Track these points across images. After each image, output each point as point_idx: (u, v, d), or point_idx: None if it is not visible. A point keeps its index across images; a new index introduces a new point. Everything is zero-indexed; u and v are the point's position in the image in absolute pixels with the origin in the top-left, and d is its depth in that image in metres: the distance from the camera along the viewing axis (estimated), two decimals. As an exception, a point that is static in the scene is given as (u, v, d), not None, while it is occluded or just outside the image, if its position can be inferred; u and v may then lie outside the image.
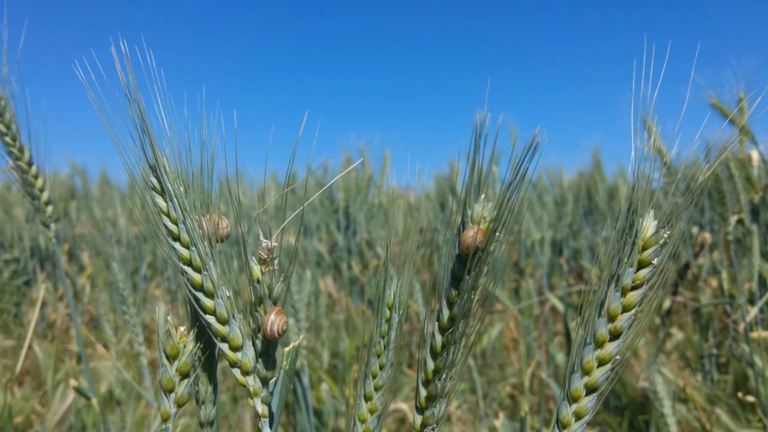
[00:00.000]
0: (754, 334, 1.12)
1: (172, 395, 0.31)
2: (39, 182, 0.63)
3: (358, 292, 2.05)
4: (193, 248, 0.31)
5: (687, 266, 1.46)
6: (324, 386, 1.31)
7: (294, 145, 0.30)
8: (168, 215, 0.31)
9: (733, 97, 1.08)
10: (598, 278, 0.30)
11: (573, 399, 0.29)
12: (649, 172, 0.28)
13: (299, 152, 0.30)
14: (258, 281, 0.30)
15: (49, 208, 0.64)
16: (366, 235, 2.24)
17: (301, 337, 0.35)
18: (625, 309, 0.28)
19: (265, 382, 0.31)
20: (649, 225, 0.28)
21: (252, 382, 0.31)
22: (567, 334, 1.39)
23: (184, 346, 0.31)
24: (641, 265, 0.28)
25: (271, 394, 0.32)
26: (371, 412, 0.33)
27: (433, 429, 0.32)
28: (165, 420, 0.32)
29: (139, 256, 2.40)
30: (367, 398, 0.33)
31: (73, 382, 0.74)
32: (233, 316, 0.31)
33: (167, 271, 2.35)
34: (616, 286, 0.28)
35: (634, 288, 0.28)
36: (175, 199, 0.31)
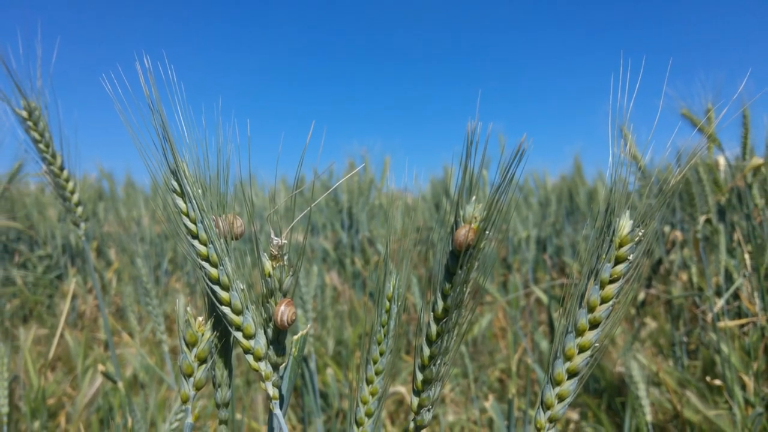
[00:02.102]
0: (721, 324, 1.12)
1: (191, 379, 0.31)
2: (70, 185, 0.63)
3: (360, 286, 2.05)
4: (210, 245, 0.31)
5: (660, 262, 1.46)
6: (329, 371, 1.31)
7: (302, 152, 0.30)
8: (187, 215, 0.31)
9: (701, 108, 1.08)
10: (579, 273, 0.30)
11: (556, 382, 0.29)
12: (626, 176, 0.28)
13: (306, 158, 0.29)
14: (269, 275, 0.30)
15: (79, 209, 0.64)
16: (367, 233, 2.24)
17: (309, 326, 0.35)
18: (604, 301, 0.28)
19: (275, 367, 0.31)
20: (625, 224, 0.28)
21: (264, 367, 0.31)
22: (550, 324, 1.39)
23: (202, 335, 0.31)
24: (618, 261, 0.28)
25: (281, 378, 0.32)
26: (372, 394, 0.33)
27: (428, 410, 0.32)
28: (185, 402, 0.32)
29: (161, 253, 2.40)
30: (369, 382, 0.33)
31: (101, 367, 0.74)
32: (247, 307, 0.31)
33: (187, 266, 2.35)
34: (595, 280, 0.28)
35: (611, 281, 0.28)
36: (193, 201, 0.31)
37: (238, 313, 0.31)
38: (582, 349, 0.29)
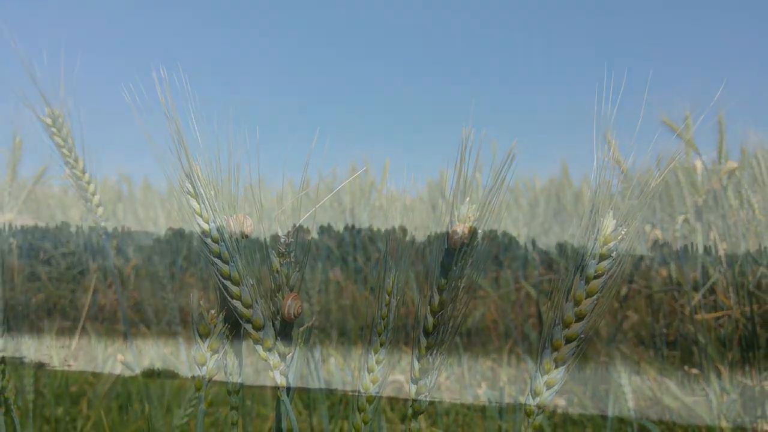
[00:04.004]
0: (698, 316, 1.12)
1: (204, 368, 0.31)
2: (91, 187, 0.63)
3: (362, 281, 2.05)
4: (222, 243, 0.31)
5: (641, 258, 1.46)
6: (333, 360, 1.31)
7: (307, 156, 0.30)
8: (201, 215, 0.31)
9: (680, 115, 1.08)
10: (566, 269, 0.30)
11: (544, 371, 0.29)
12: (609, 179, 0.28)
13: (311, 162, 0.30)
14: (277, 271, 0.30)
15: (100, 209, 0.64)
16: (369, 232, 2.23)
17: (314, 318, 0.35)
18: (589, 295, 0.28)
19: (283, 357, 0.31)
20: (609, 224, 0.28)
21: (272, 357, 0.31)
22: (539, 317, 1.39)
23: (214, 327, 0.31)
24: (602, 258, 0.28)
25: (289, 367, 0.32)
26: (373, 382, 0.33)
27: (425, 397, 0.32)
28: (198, 389, 0.32)
29: (176, 250, 2.39)
30: (370, 371, 0.33)
31: (120, 357, 0.74)
32: (256, 301, 0.31)
33: (200, 263, 2.35)
34: (581, 276, 0.28)
35: (596, 277, 0.28)
36: (206, 202, 0.31)
37: (248, 306, 0.31)
38: (568, 340, 0.29)
